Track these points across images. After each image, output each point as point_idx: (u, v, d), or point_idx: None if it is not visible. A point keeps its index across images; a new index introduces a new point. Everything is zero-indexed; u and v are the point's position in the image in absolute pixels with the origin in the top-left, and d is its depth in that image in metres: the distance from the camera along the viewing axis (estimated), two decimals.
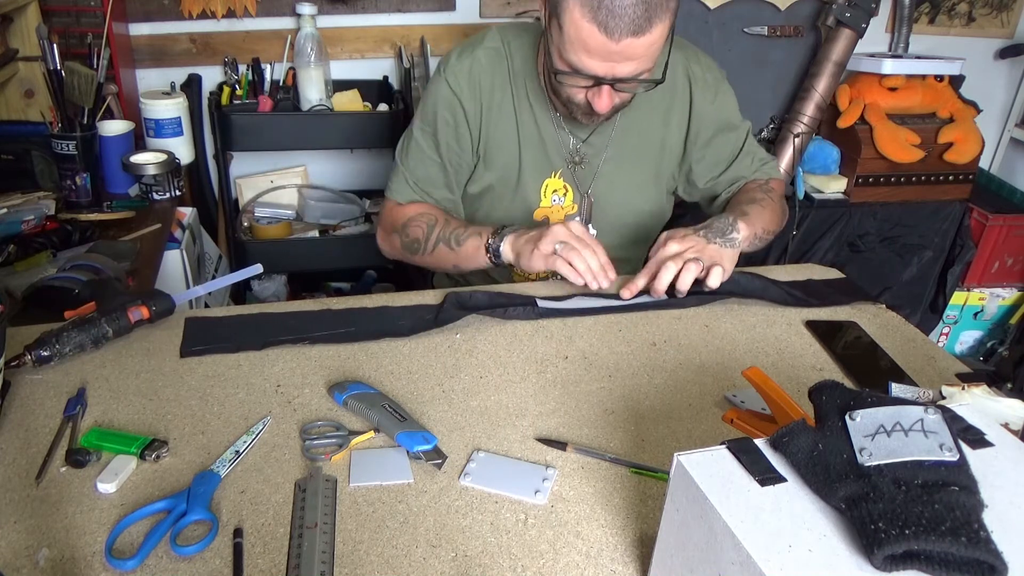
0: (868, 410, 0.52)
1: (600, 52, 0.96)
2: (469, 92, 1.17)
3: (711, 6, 2.29)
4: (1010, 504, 0.49)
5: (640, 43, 0.95)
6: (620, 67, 0.98)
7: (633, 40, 0.94)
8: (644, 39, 0.95)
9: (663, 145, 1.24)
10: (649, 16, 0.93)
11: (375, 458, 0.74)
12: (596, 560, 0.63)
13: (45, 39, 1.56)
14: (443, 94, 1.17)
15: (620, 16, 0.92)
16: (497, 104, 1.18)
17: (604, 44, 0.95)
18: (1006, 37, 2.52)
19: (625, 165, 1.23)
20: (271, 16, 2.11)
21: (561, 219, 1.24)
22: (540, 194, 1.24)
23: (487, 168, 1.23)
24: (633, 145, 1.23)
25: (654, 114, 1.21)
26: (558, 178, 1.23)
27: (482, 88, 1.17)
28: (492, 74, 1.17)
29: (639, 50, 0.96)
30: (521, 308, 1.00)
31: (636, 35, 0.94)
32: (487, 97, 1.18)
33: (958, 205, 2.32)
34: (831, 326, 1.01)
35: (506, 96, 1.18)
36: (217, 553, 0.63)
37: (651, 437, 0.79)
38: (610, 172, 1.24)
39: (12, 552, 0.62)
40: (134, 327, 0.92)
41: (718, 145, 1.25)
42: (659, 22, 0.95)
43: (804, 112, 2.28)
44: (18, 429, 0.76)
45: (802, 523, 0.48)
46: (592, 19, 0.93)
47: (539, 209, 1.25)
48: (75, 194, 1.62)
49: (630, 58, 0.97)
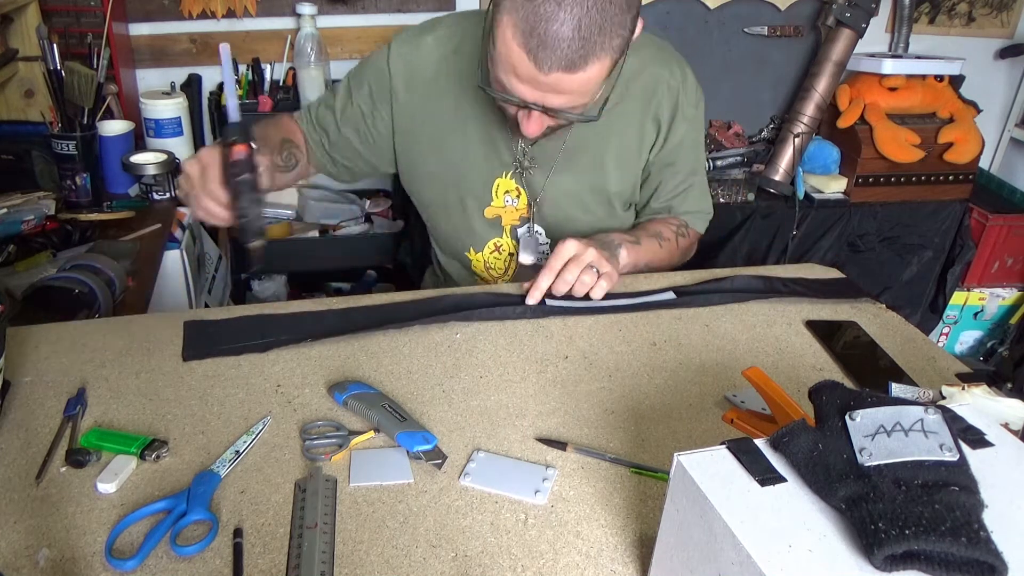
0: (868, 410, 0.52)
1: (528, 80, 0.88)
2: (405, 75, 1.12)
3: (711, 6, 2.29)
4: (1010, 504, 0.49)
5: (572, 79, 0.86)
6: (550, 98, 0.90)
7: (564, 75, 0.85)
8: (577, 75, 0.86)
9: (622, 160, 1.18)
10: (585, 53, 0.84)
11: (375, 458, 0.74)
12: (596, 560, 0.63)
13: (45, 39, 1.56)
14: (379, 66, 1.13)
15: (552, 48, 0.83)
16: (437, 94, 1.12)
17: (533, 73, 0.86)
18: (1006, 37, 2.53)
19: (578, 175, 1.17)
20: (271, 16, 2.11)
21: (516, 220, 1.21)
22: (491, 193, 1.18)
23: (430, 154, 1.17)
24: (589, 156, 1.16)
25: (620, 128, 1.14)
26: (509, 178, 1.17)
27: (423, 77, 1.12)
28: (437, 62, 1.12)
29: (571, 85, 0.87)
30: (528, 307, 1.00)
31: (568, 71, 0.85)
32: (425, 87, 1.12)
33: (958, 205, 2.32)
34: (831, 326, 1.01)
35: (449, 86, 1.11)
36: (217, 553, 0.63)
37: (651, 437, 0.79)
38: (561, 181, 1.17)
39: (12, 552, 0.62)
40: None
41: (666, 175, 1.21)
42: (596, 60, 0.85)
43: (804, 112, 2.28)
44: (18, 429, 0.76)
45: (802, 523, 0.48)
46: (523, 44, 0.84)
47: (490, 207, 1.20)
48: (75, 194, 1.62)
49: (560, 92, 0.89)
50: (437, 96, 1.13)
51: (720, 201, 2.24)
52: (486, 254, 1.25)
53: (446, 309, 0.99)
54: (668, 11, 2.29)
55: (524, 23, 0.83)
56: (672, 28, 2.32)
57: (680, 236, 1.23)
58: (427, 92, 1.13)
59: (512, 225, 1.22)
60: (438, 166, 1.18)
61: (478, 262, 1.26)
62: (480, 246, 1.24)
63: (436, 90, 1.13)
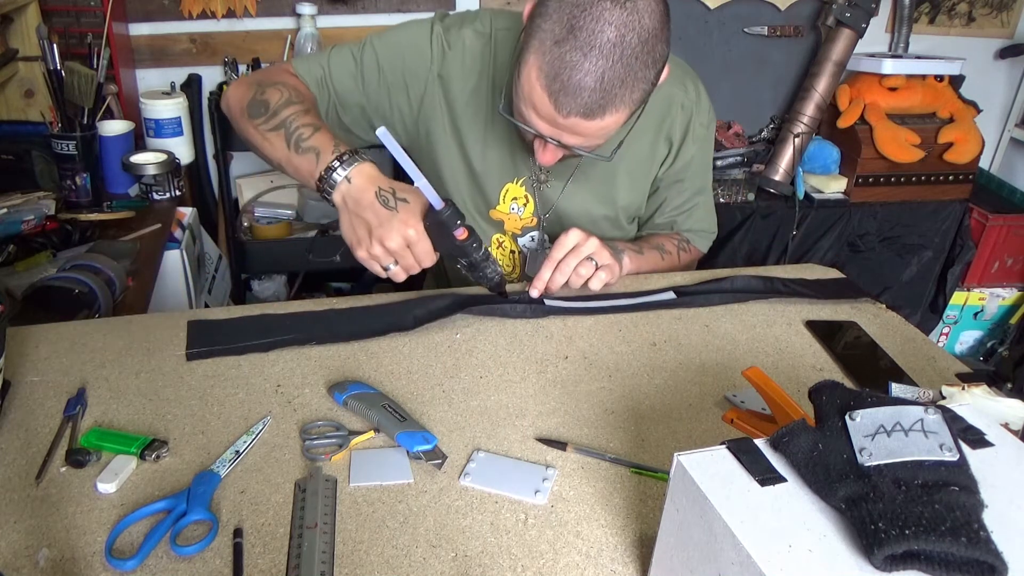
0: (868, 410, 0.52)
1: (547, 119, 0.89)
2: (442, 61, 1.08)
3: (711, 6, 2.29)
4: (1010, 504, 0.49)
5: (590, 125, 0.88)
6: (566, 136, 0.91)
7: (582, 121, 0.87)
8: (595, 123, 0.87)
9: (633, 175, 1.18)
10: (604, 104, 0.85)
11: (375, 458, 0.74)
12: (596, 560, 0.63)
13: (45, 39, 1.56)
14: (419, 45, 1.08)
15: (574, 96, 0.84)
16: (469, 88, 1.10)
17: (552, 115, 0.87)
18: (1006, 37, 2.53)
19: (590, 190, 1.18)
20: (271, 16, 2.11)
21: (517, 229, 1.21)
22: (499, 196, 1.18)
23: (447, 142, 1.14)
24: (602, 171, 1.16)
25: (632, 144, 1.12)
26: (520, 186, 1.17)
27: (460, 68, 1.09)
28: (473, 57, 1.10)
29: (588, 130, 0.89)
30: (528, 306, 1.00)
31: (587, 118, 0.86)
32: (460, 79, 1.10)
33: (958, 205, 2.32)
34: (831, 326, 1.01)
35: (482, 83, 1.10)
36: (217, 553, 0.63)
37: (651, 437, 0.79)
38: (574, 194, 1.17)
39: (12, 552, 0.62)
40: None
41: (672, 192, 1.22)
42: (615, 111, 0.87)
43: (804, 112, 2.28)
44: (18, 429, 0.76)
45: (802, 523, 0.48)
46: (545, 87, 0.85)
47: (495, 210, 1.20)
48: (75, 194, 1.62)
49: (577, 134, 0.90)
50: (467, 92, 1.11)
51: (720, 201, 2.24)
52: (491, 250, 1.25)
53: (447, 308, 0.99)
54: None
55: (549, 67, 0.84)
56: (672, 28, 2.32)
57: (682, 251, 1.24)
58: (459, 86, 1.11)
59: (513, 233, 1.23)
60: (452, 156, 1.16)
61: None
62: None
63: (466, 86, 1.11)
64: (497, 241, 1.24)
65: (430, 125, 1.14)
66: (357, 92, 1.10)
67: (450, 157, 1.16)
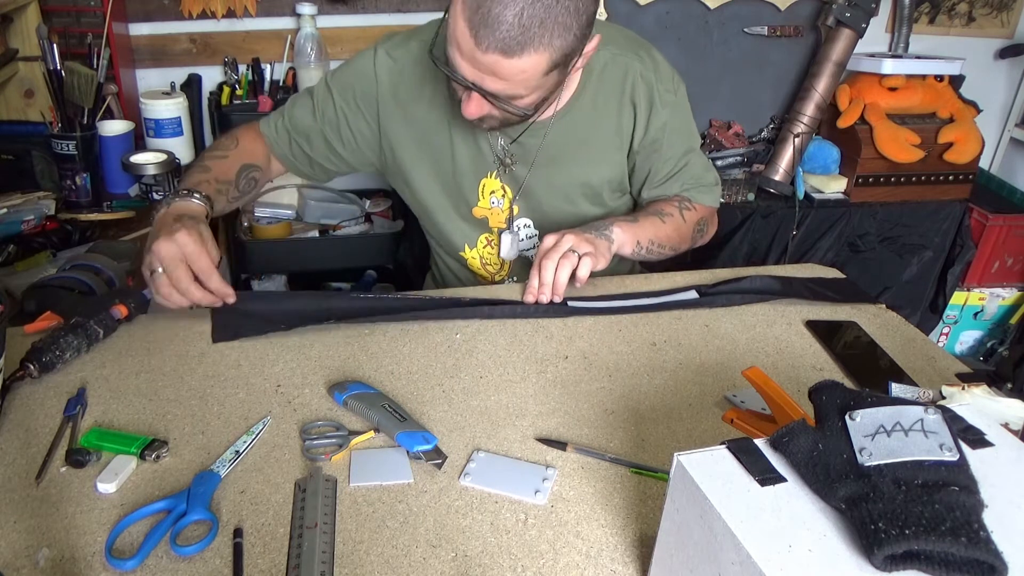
0: (868, 410, 0.52)
1: (468, 56, 0.91)
2: (391, 80, 1.14)
3: (711, 6, 2.29)
4: (1010, 504, 0.49)
5: (507, 64, 0.89)
6: (487, 80, 0.92)
7: (500, 58, 0.88)
8: (512, 62, 0.89)
9: (603, 151, 1.19)
10: (523, 41, 0.87)
11: (375, 458, 0.74)
12: (596, 560, 0.63)
13: (45, 39, 1.56)
14: (364, 70, 1.14)
15: (493, 28, 0.86)
16: (423, 98, 1.14)
17: (472, 50, 0.89)
18: (1006, 37, 2.52)
19: (559, 168, 1.18)
20: (271, 16, 2.11)
21: (502, 223, 1.22)
22: (478, 193, 1.20)
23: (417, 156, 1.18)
24: (570, 150, 1.17)
25: (596, 120, 1.16)
26: (495, 178, 1.19)
27: (409, 81, 1.13)
28: (423, 67, 1.13)
29: (507, 71, 0.90)
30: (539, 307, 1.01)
31: (504, 54, 0.88)
32: (411, 91, 1.14)
33: (958, 205, 2.32)
34: (831, 326, 1.01)
35: (435, 90, 1.13)
36: (217, 553, 0.63)
37: (651, 437, 0.79)
38: (542, 175, 1.18)
39: (12, 552, 0.62)
40: (117, 325, 0.94)
41: (655, 162, 1.21)
42: (533, 52, 0.88)
43: (804, 112, 2.28)
44: (18, 429, 0.76)
45: (802, 523, 0.48)
46: (468, 20, 0.88)
47: (477, 208, 1.21)
48: (75, 194, 1.62)
49: (496, 75, 0.91)
50: (423, 100, 1.14)
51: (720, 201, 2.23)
52: (480, 249, 1.26)
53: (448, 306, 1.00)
54: (668, 11, 2.29)
55: (472, 1, 0.87)
56: (672, 28, 2.32)
57: (685, 210, 1.22)
58: (413, 96, 1.14)
59: (499, 229, 1.23)
60: (425, 168, 1.19)
61: (474, 259, 1.27)
62: (473, 242, 1.26)
63: (422, 94, 1.14)
64: (485, 240, 1.25)
65: (394, 143, 1.19)
66: (316, 124, 1.18)
67: (423, 168, 1.19)
